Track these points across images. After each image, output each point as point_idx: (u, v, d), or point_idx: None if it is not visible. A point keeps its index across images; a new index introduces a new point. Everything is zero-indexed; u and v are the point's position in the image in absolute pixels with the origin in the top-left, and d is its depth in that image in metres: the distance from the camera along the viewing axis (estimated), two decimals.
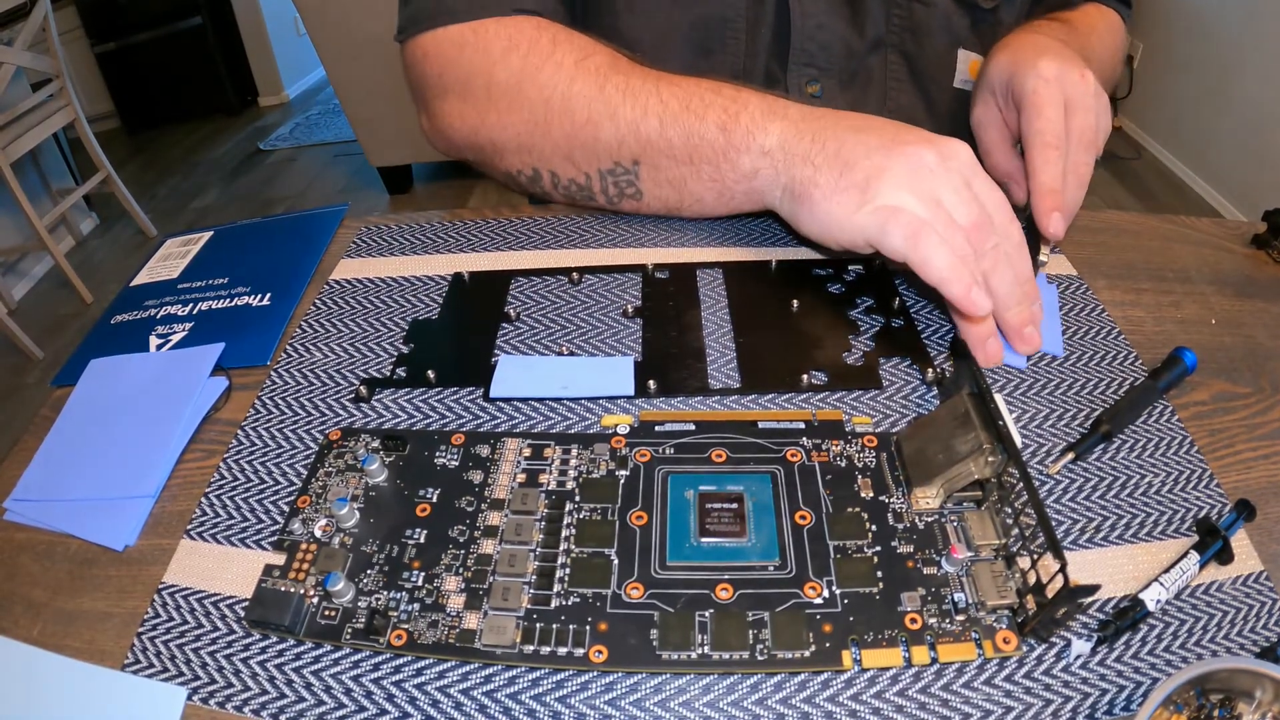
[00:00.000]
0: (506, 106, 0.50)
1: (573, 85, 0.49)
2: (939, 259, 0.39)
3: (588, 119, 0.48)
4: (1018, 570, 0.32)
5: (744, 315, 0.46)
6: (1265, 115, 1.99)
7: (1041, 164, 0.45)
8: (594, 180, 0.51)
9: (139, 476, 0.39)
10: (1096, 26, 0.62)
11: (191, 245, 0.57)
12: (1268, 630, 0.31)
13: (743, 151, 0.46)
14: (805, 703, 0.29)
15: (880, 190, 0.41)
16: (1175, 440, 0.39)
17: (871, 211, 0.41)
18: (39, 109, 2.05)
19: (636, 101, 0.47)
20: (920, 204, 0.40)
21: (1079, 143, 0.46)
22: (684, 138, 0.47)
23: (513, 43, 0.50)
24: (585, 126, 0.49)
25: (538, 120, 0.50)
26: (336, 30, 2.05)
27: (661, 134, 0.47)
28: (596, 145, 0.49)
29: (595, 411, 0.41)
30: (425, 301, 0.49)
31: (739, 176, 0.47)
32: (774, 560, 0.33)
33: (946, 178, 0.41)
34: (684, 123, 0.47)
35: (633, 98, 0.48)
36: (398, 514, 0.36)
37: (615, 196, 0.52)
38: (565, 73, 0.49)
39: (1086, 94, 0.46)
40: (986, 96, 0.52)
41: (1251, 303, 0.48)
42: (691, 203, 0.50)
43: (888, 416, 0.40)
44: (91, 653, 0.33)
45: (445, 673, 0.31)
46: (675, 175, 0.49)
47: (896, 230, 0.40)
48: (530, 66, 0.49)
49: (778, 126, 0.45)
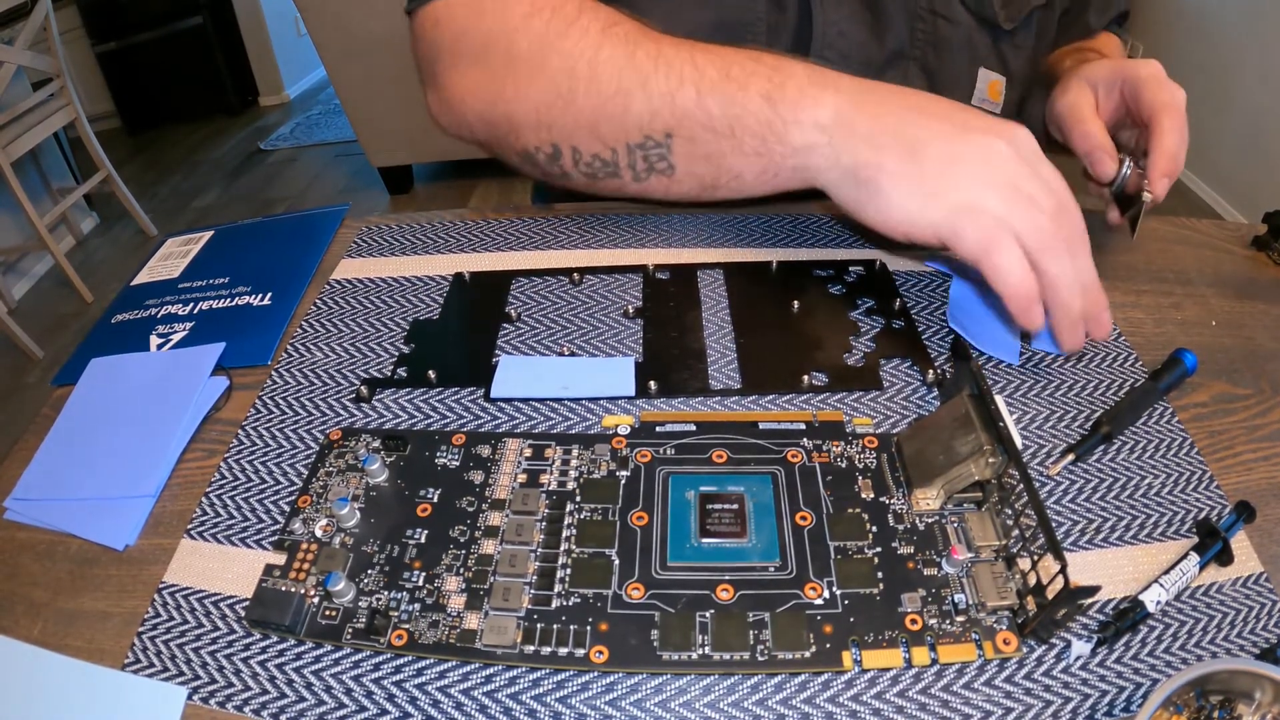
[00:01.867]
0: (527, 76, 0.46)
1: (600, 52, 0.45)
2: (1011, 274, 0.37)
3: (617, 89, 0.45)
4: (1018, 571, 0.32)
5: (745, 316, 0.47)
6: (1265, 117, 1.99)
7: (1170, 128, 0.47)
8: (621, 156, 0.47)
9: (139, 476, 0.39)
10: (1114, 53, 0.64)
11: (192, 245, 0.57)
12: (1267, 632, 0.31)
13: (792, 124, 0.42)
14: (806, 703, 0.29)
15: (956, 183, 0.39)
16: (1175, 441, 0.39)
17: (949, 209, 0.39)
18: (39, 108, 2.05)
19: (670, 70, 0.44)
20: (998, 199, 0.38)
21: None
22: (724, 107, 0.43)
23: (535, 7, 0.46)
24: (614, 97, 0.45)
25: (561, 91, 0.46)
26: (337, 30, 2.04)
27: (699, 104, 0.43)
28: (625, 117, 0.45)
29: (596, 412, 0.41)
30: (426, 301, 0.49)
31: (788, 151, 0.43)
32: (774, 561, 0.33)
33: (1019, 166, 0.39)
34: (724, 91, 0.43)
35: (666, 65, 0.44)
36: (398, 514, 0.36)
37: (644, 173, 0.47)
38: (592, 39, 0.45)
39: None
40: (1081, 84, 0.52)
41: (1252, 304, 0.48)
42: (729, 180, 0.46)
43: (888, 417, 0.40)
44: (92, 652, 0.33)
45: (446, 673, 0.31)
46: (714, 149, 0.45)
47: (972, 234, 0.38)
48: (554, 32, 0.46)
49: (830, 98, 0.42)
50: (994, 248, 0.37)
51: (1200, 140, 2.27)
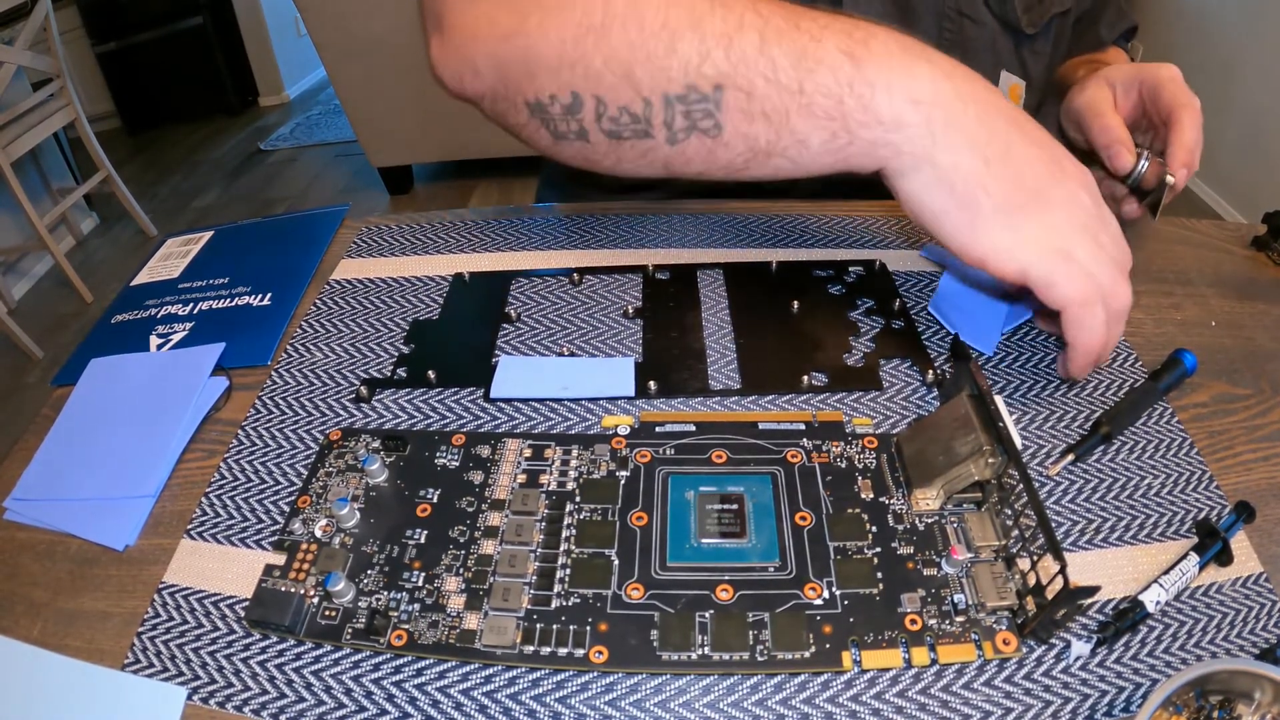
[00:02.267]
0: (554, 3, 0.39)
1: None
2: (1096, 332, 0.37)
3: (663, 24, 0.37)
4: (1017, 571, 0.32)
5: (744, 316, 0.47)
6: (1266, 117, 1.99)
7: (1190, 125, 0.48)
8: (656, 109, 0.39)
9: (139, 476, 0.39)
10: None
11: (192, 245, 0.57)
12: (1267, 632, 0.31)
13: (881, 89, 0.36)
14: (805, 703, 0.29)
15: (1053, 226, 0.36)
16: (1175, 442, 0.39)
17: (1045, 253, 0.36)
18: (39, 108, 2.05)
19: (730, 11, 0.37)
20: (1085, 251, 0.36)
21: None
22: (794, 59, 0.36)
23: None
24: (658, 34, 0.37)
25: (593, 24, 0.38)
26: (337, 30, 2.04)
27: (762, 51, 0.36)
28: (669, 59, 0.37)
29: (596, 412, 0.41)
30: (426, 302, 0.49)
31: (870, 120, 0.36)
32: (774, 561, 0.33)
33: (1098, 215, 0.38)
34: (794, 41, 0.36)
35: (724, 6, 0.37)
36: (398, 514, 0.36)
37: (682, 131, 0.39)
38: None
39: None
40: (1100, 83, 0.53)
41: (1252, 304, 0.48)
42: (791, 145, 0.38)
43: (888, 418, 0.40)
44: (92, 652, 0.33)
45: (445, 673, 0.31)
46: (776, 106, 0.37)
47: (1065, 284, 0.36)
48: None
49: (925, 70, 0.36)
50: (1087, 303, 0.36)
51: None
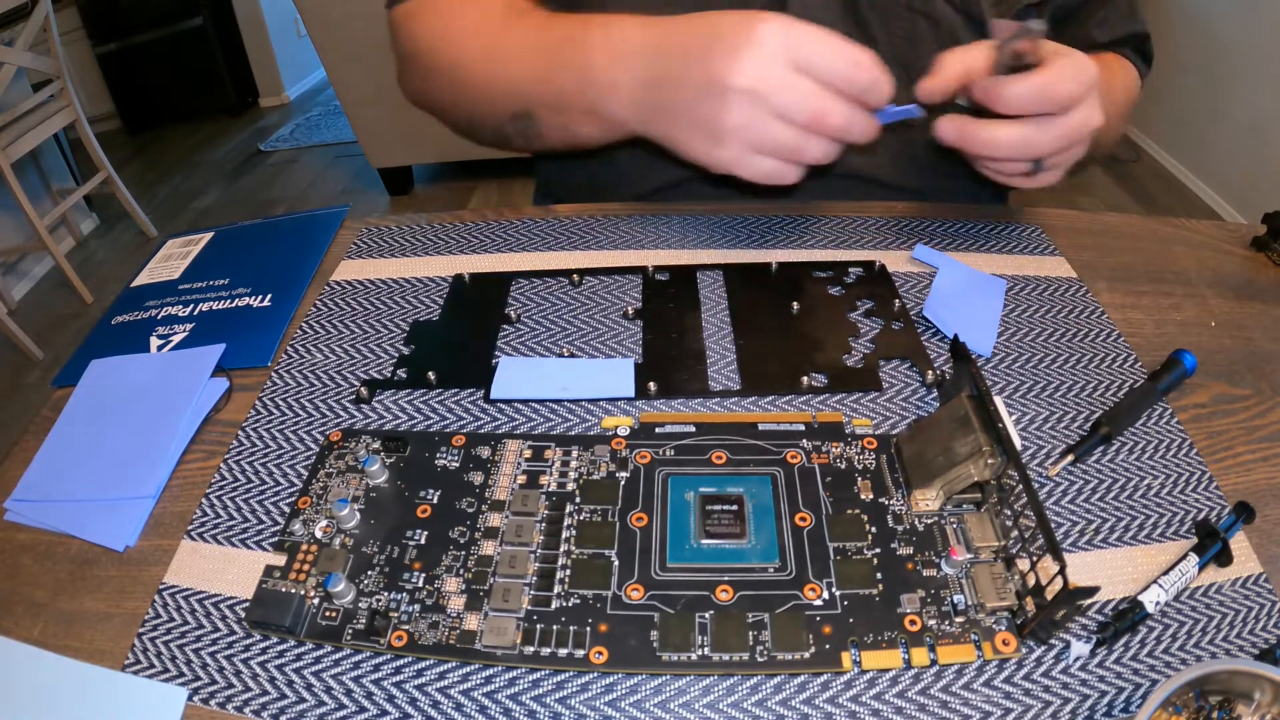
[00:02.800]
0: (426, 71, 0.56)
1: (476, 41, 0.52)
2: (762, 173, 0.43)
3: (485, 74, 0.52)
4: (1017, 572, 0.32)
5: (744, 317, 0.47)
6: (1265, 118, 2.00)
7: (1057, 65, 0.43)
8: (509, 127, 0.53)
9: (140, 477, 0.39)
10: (1116, 74, 0.61)
11: (192, 246, 0.57)
12: (1266, 632, 0.31)
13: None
14: (805, 704, 0.29)
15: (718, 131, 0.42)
16: (1175, 442, 0.39)
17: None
18: (40, 109, 2.05)
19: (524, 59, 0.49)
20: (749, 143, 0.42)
21: (1067, 123, 0.44)
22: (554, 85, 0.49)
23: (470, 23, 0.53)
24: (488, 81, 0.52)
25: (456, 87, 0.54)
26: (337, 31, 2.05)
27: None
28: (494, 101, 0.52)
29: (595, 413, 0.41)
30: (426, 303, 0.49)
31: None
32: (774, 562, 0.33)
33: (768, 93, 0.41)
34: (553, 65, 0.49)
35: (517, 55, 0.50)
36: (398, 515, 0.36)
37: (533, 140, 0.53)
38: (475, 35, 0.52)
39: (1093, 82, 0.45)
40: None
41: (1251, 305, 0.48)
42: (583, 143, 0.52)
43: (887, 419, 0.40)
44: (92, 653, 0.33)
45: (446, 674, 0.31)
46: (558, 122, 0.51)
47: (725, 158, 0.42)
48: (449, 29, 0.53)
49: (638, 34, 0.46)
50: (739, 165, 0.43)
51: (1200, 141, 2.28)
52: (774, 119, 0.41)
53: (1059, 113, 0.44)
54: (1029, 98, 0.43)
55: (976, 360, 0.42)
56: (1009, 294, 0.48)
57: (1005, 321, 0.46)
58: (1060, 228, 0.54)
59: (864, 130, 0.43)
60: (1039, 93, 0.43)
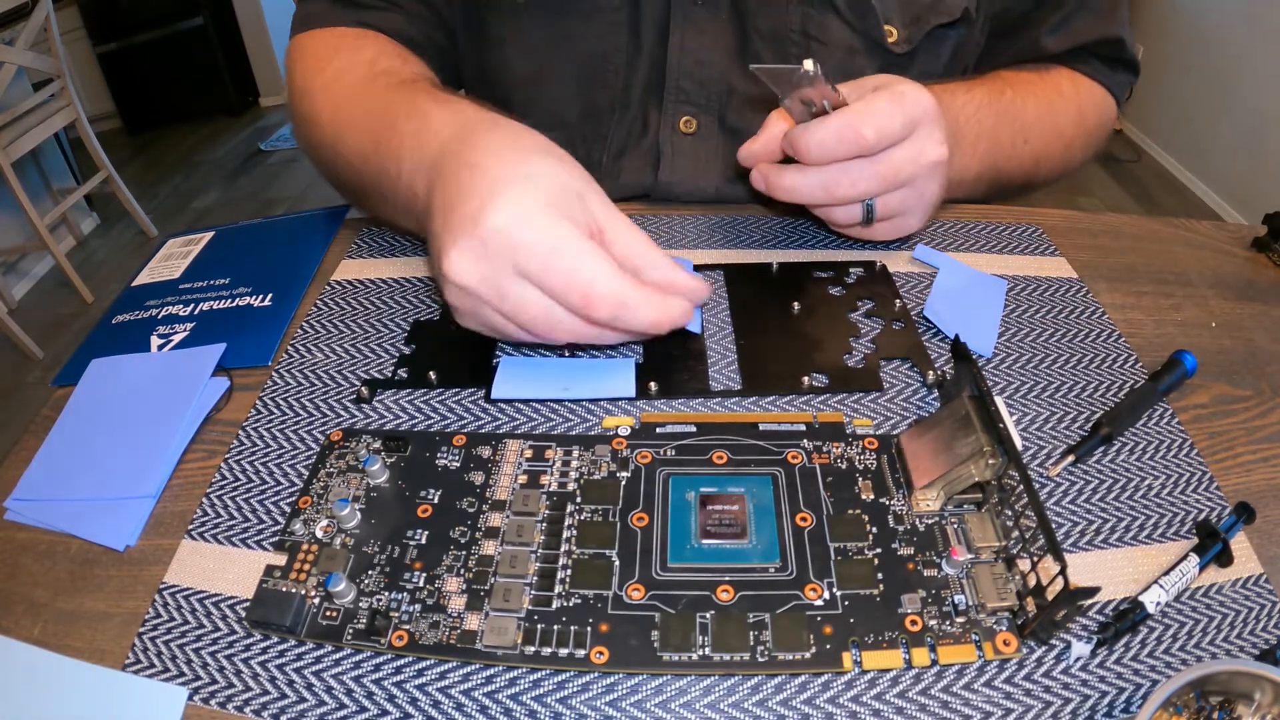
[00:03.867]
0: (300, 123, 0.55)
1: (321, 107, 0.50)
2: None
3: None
4: (1018, 572, 0.32)
5: (745, 317, 0.47)
6: (1265, 118, 2.00)
7: (820, 123, 0.40)
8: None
9: (140, 477, 0.39)
10: (1061, 91, 0.56)
11: (193, 245, 0.57)
12: (1267, 633, 0.31)
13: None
14: (806, 704, 0.29)
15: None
16: (1175, 443, 0.39)
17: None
18: (40, 109, 2.05)
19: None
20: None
21: (877, 166, 0.42)
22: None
23: (330, 74, 0.52)
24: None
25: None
26: None
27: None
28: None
29: (596, 413, 0.41)
30: (427, 302, 0.49)
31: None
32: (775, 562, 0.33)
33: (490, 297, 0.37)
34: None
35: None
36: (399, 515, 0.36)
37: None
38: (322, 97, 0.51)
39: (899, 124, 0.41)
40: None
41: (1251, 306, 0.48)
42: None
43: (888, 419, 0.40)
44: (92, 653, 0.33)
45: (446, 674, 0.31)
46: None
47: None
48: (312, 78, 0.52)
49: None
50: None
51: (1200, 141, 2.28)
52: (494, 314, 0.37)
53: (870, 153, 0.41)
54: (830, 142, 0.41)
55: (977, 360, 0.42)
56: (1009, 294, 0.48)
57: (1006, 322, 0.46)
58: (1061, 228, 0.54)
59: (626, 332, 0.38)
60: (838, 136, 0.41)
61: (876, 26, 0.51)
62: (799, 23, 0.52)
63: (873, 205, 0.44)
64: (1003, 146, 0.54)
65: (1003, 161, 0.54)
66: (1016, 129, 0.54)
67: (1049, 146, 0.57)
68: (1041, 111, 0.55)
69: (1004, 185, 0.58)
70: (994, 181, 0.56)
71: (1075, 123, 0.58)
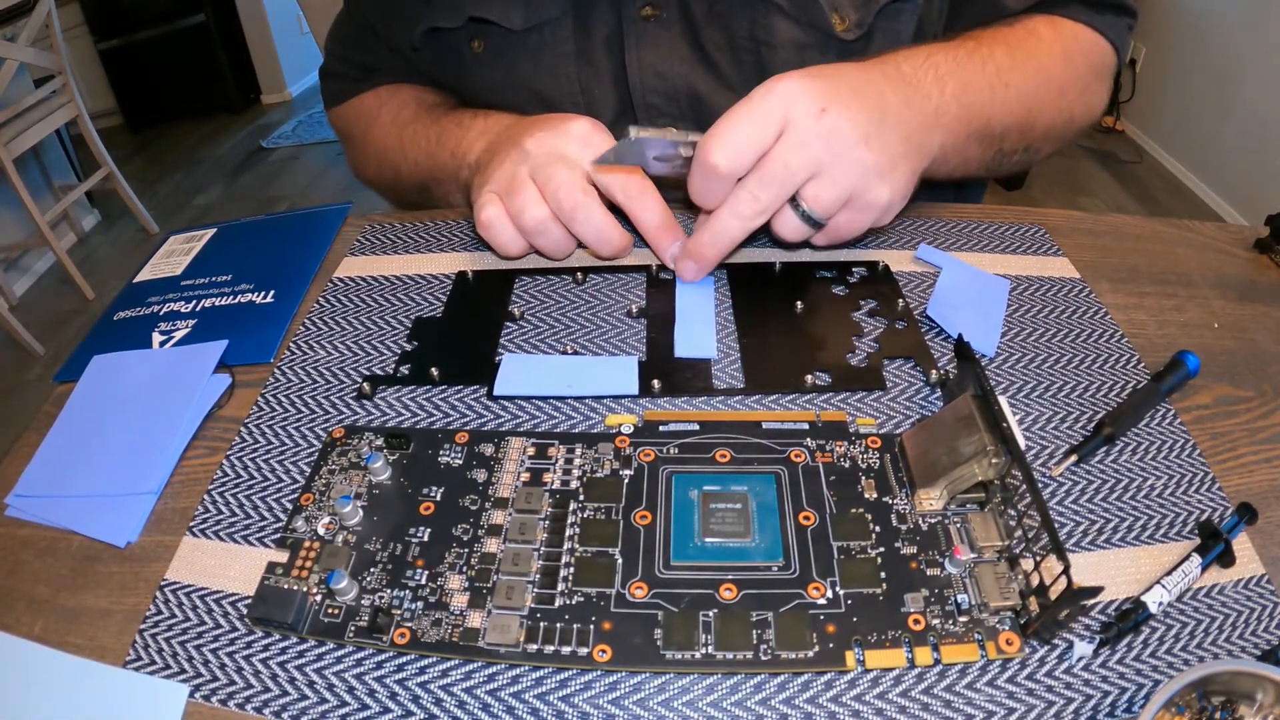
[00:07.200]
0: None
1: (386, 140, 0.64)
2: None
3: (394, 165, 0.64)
4: (1021, 572, 0.32)
5: (748, 316, 0.47)
6: (1268, 119, 2.00)
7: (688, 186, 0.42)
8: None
9: (141, 473, 0.39)
10: (1038, 34, 0.53)
11: (195, 242, 0.57)
12: (1269, 633, 0.31)
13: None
14: (809, 703, 0.29)
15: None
16: (1177, 443, 0.39)
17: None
18: (42, 105, 2.05)
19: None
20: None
21: (762, 172, 0.40)
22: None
23: (370, 118, 0.67)
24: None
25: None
26: None
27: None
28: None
29: (599, 411, 0.41)
30: (429, 300, 0.49)
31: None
32: (778, 561, 0.33)
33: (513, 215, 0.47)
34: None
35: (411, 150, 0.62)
36: (401, 512, 0.36)
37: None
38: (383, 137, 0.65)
39: (810, 127, 0.39)
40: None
41: (1254, 306, 0.48)
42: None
43: (891, 418, 0.40)
44: (93, 650, 0.33)
45: (448, 671, 0.31)
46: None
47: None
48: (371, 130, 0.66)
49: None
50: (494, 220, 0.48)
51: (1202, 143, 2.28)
52: (527, 183, 0.46)
53: (737, 168, 0.40)
54: (700, 184, 0.41)
55: (980, 360, 0.42)
56: (1012, 294, 0.48)
57: (1008, 322, 0.46)
58: (1063, 229, 0.54)
59: (601, 247, 0.47)
60: (702, 175, 0.40)
61: (823, 18, 0.50)
62: (747, 29, 0.51)
63: (806, 209, 0.42)
64: (978, 89, 0.49)
65: (985, 106, 0.49)
66: (990, 70, 0.49)
67: (1038, 91, 0.52)
68: (1017, 56, 0.51)
69: (1002, 138, 0.52)
70: (986, 132, 0.51)
71: (1062, 66, 0.54)
